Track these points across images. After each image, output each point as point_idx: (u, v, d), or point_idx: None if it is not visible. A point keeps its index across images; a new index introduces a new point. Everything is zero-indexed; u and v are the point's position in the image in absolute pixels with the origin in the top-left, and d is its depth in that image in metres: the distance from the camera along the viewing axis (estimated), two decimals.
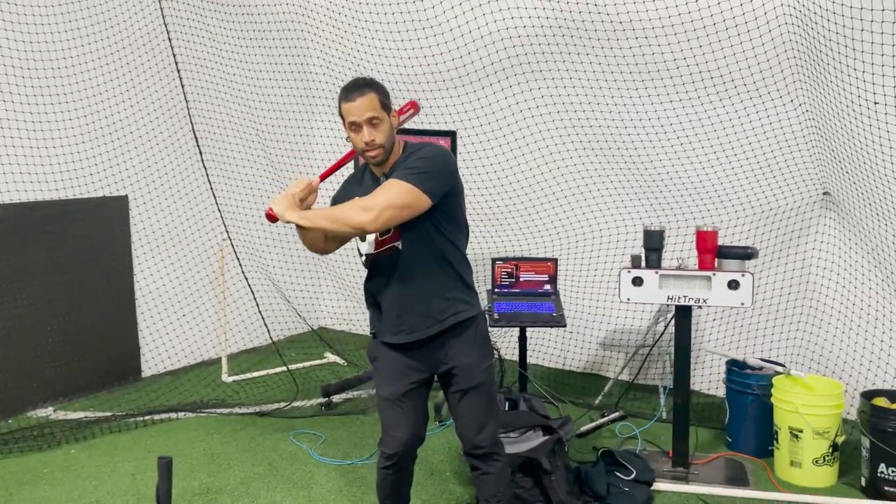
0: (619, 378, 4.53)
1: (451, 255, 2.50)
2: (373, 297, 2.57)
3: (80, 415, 4.31)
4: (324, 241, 2.61)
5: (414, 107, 2.65)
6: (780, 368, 3.65)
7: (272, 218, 2.48)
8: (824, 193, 4.03)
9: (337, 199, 2.60)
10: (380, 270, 2.50)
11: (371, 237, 2.45)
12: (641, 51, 4.15)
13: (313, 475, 3.56)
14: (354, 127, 2.38)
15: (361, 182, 2.56)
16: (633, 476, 3.26)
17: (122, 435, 4.06)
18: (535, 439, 3.17)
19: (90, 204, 4.64)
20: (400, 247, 2.44)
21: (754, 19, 3.78)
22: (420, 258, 2.45)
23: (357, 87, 2.39)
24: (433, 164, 2.37)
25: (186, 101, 4.78)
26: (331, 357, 5.41)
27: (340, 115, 2.43)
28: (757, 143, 4.05)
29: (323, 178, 2.65)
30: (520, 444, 3.12)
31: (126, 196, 4.84)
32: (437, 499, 3.31)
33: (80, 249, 4.60)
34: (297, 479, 3.52)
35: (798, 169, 3.99)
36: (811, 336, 4.11)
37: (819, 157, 3.88)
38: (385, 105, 2.40)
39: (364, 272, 2.58)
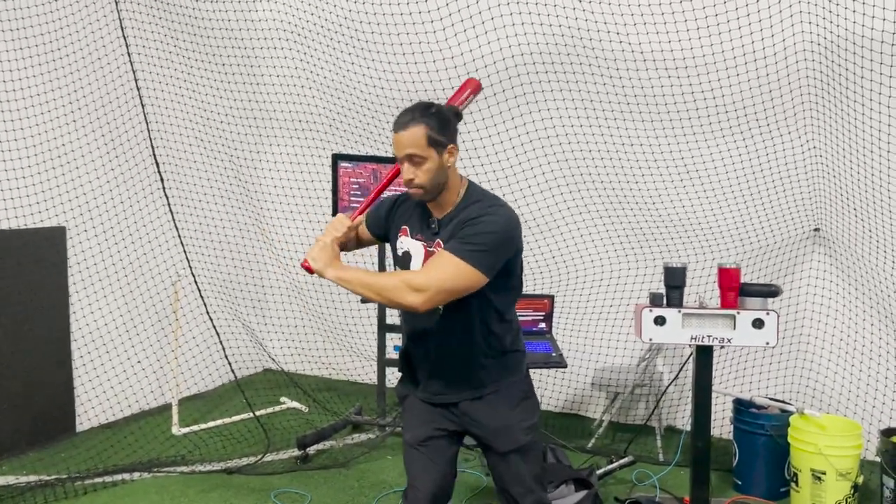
0: (603, 419, 4.37)
1: (495, 324, 2.24)
2: (406, 335, 2.31)
3: (11, 480, 3.69)
4: (354, 242, 2.45)
5: (472, 87, 2.38)
6: (790, 407, 3.58)
7: (310, 270, 2.17)
8: (815, 229, 4.07)
9: (376, 218, 2.37)
10: (414, 325, 2.26)
11: None
12: (644, 83, 4.08)
13: None
14: (399, 160, 2.15)
15: (411, 214, 2.29)
16: None
17: (69, 502, 3.50)
18: (570, 495, 2.94)
19: (20, 236, 4.05)
20: (441, 309, 2.17)
21: (752, 51, 3.78)
22: (461, 325, 2.19)
23: (408, 114, 2.13)
24: (497, 240, 2.08)
25: (148, 126, 4.29)
26: (288, 402, 4.97)
27: None
28: (753, 178, 4.05)
29: (360, 213, 2.36)
30: (556, 501, 2.87)
31: (63, 227, 4.27)
32: None
33: (7, 286, 4.00)
34: None
35: (794, 204, 4.00)
36: (807, 372, 4.11)
37: (816, 193, 3.91)
38: (434, 140, 2.10)
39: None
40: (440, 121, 2.13)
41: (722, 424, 4.13)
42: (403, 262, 2.26)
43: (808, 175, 3.93)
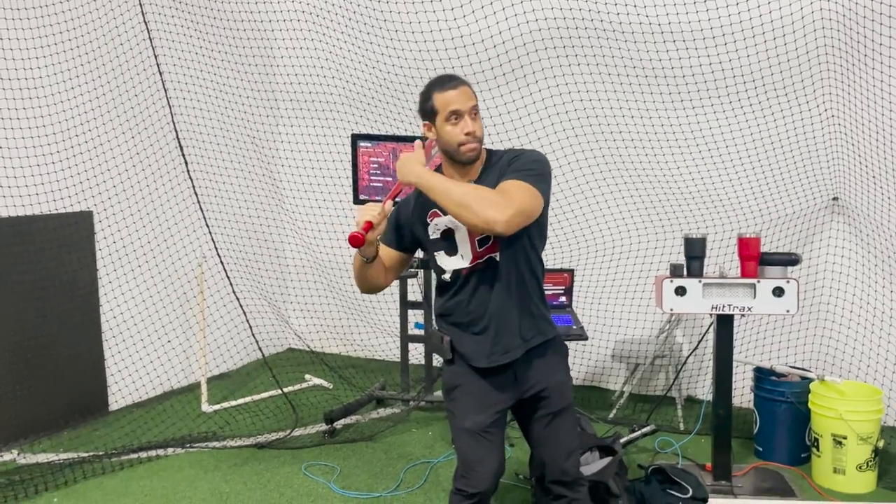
0: (623, 390, 4.44)
1: (538, 269, 2.33)
2: (455, 319, 2.31)
3: (51, 458, 3.81)
4: (383, 275, 2.35)
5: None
6: (810, 375, 3.63)
7: (358, 241, 2.11)
8: (833, 198, 4.08)
9: (395, 229, 2.36)
10: (471, 286, 2.26)
11: (468, 248, 2.22)
12: (662, 55, 4.09)
13: None
14: (455, 117, 2.16)
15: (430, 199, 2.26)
16: (689, 494, 3.13)
17: (107, 478, 3.61)
18: (595, 461, 3.00)
19: (50, 221, 4.14)
20: (498, 258, 2.22)
21: (770, 20, 3.78)
22: (516, 270, 2.25)
23: (453, 77, 2.22)
24: (544, 169, 2.18)
25: (171, 110, 4.35)
26: (313, 380, 5.06)
27: (428, 110, 2.20)
28: (772, 147, 4.06)
29: (392, 198, 2.31)
30: (582, 467, 2.93)
31: (91, 212, 4.36)
32: None
33: (38, 271, 4.10)
34: None
35: (813, 173, 4.01)
36: (828, 340, 4.13)
37: (835, 161, 3.92)
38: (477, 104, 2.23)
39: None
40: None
41: (742, 393, 4.17)
42: (446, 239, 2.27)
43: (826, 144, 3.93)
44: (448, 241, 2.26)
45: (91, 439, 4.07)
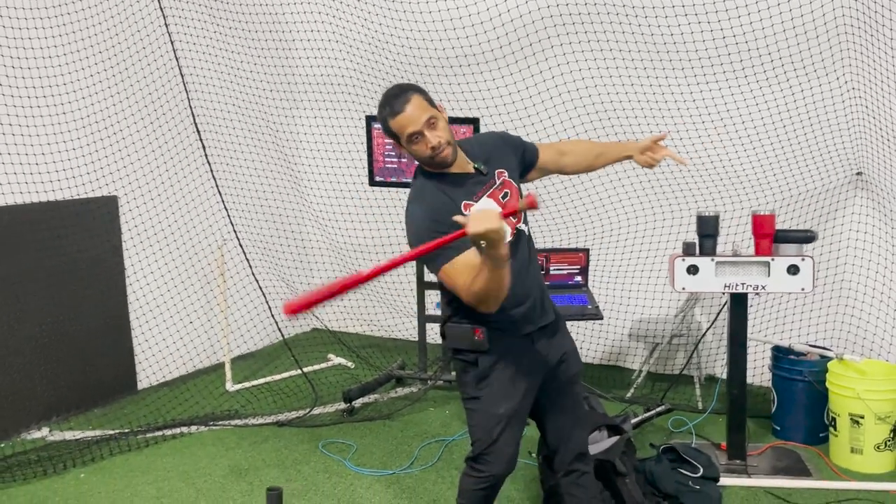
0: (642, 369, 4.42)
1: None
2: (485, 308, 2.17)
3: (80, 435, 3.95)
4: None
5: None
6: (830, 353, 3.58)
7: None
8: (857, 173, 3.98)
9: (442, 221, 2.12)
10: (518, 259, 2.25)
11: (505, 225, 2.10)
12: (674, 30, 4.01)
13: (356, 489, 3.33)
14: (415, 137, 2.14)
15: (455, 192, 2.20)
16: (700, 473, 3.13)
17: (133, 455, 3.73)
18: (603, 440, 3.01)
19: (76, 206, 4.25)
20: (524, 230, 2.34)
21: None
22: (531, 244, 2.40)
23: (398, 95, 2.16)
24: None
25: (188, 95, 4.42)
26: (335, 359, 5.14)
27: (389, 135, 2.21)
28: (791, 123, 3.97)
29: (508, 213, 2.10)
30: (590, 445, 2.95)
31: (115, 197, 4.46)
32: None
33: (66, 255, 4.21)
34: (339, 494, 3.28)
35: (835, 148, 3.92)
36: (849, 318, 4.06)
37: (858, 136, 3.82)
38: (432, 102, 2.19)
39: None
40: (423, 90, 2.21)
41: (762, 372, 4.13)
42: None
43: (848, 118, 3.83)
44: None
45: (119, 417, 4.20)
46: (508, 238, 2.06)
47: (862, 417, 3.29)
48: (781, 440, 3.67)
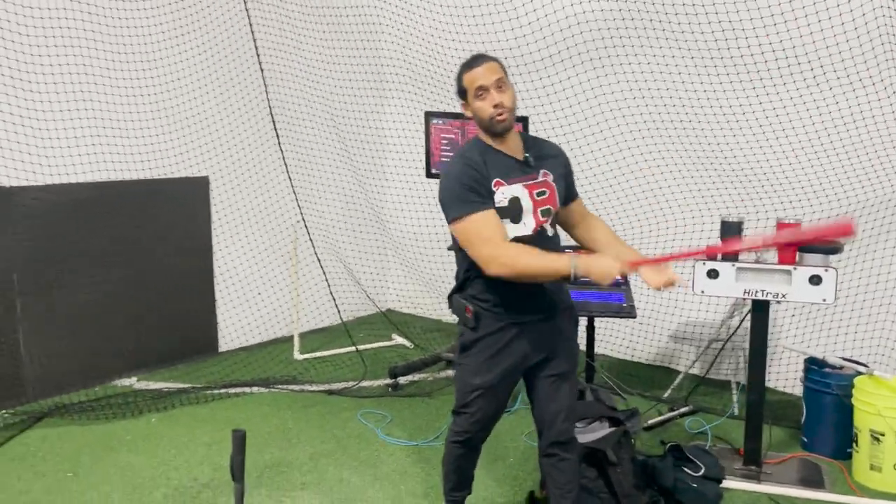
0: (690, 372, 4.44)
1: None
2: (503, 287, 2.42)
3: (160, 385, 4.50)
4: None
5: (846, 232, 2.25)
6: (862, 368, 3.50)
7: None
8: None
9: (486, 185, 2.38)
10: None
11: (531, 218, 2.42)
12: (722, 35, 4.01)
13: (379, 454, 3.64)
14: (481, 92, 2.36)
15: (489, 167, 2.39)
16: (701, 472, 3.19)
17: (199, 407, 4.23)
18: (601, 430, 3.14)
19: (174, 184, 4.82)
20: (548, 229, 2.50)
21: (847, 2, 3.60)
22: (557, 241, 2.56)
23: (478, 57, 2.43)
24: None
25: (266, 87, 4.88)
26: (398, 339, 5.48)
27: (461, 90, 2.43)
28: (846, 132, 3.87)
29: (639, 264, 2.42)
30: (586, 434, 3.10)
31: (207, 177, 5.00)
32: (502, 484, 3.33)
33: (163, 228, 4.79)
34: (363, 458, 3.60)
35: (889, 160, 3.79)
36: (892, 335, 3.92)
37: None
38: (506, 72, 2.41)
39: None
40: (500, 61, 2.45)
41: (795, 384, 4.07)
42: (513, 207, 2.40)
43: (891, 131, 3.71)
44: (514, 210, 2.41)
45: (198, 374, 4.73)
46: (528, 232, 2.39)
47: (882, 435, 3.22)
48: (808, 452, 3.63)
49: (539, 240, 2.44)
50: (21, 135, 4.08)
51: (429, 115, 4.49)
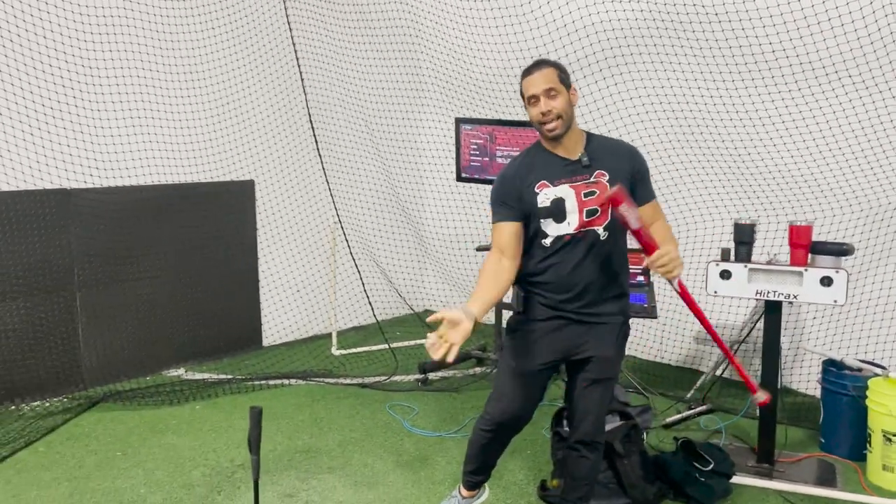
0: (716, 374, 4.49)
1: (625, 251, 2.67)
2: (545, 279, 2.56)
3: (206, 376, 4.80)
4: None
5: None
6: (879, 370, 3.53)
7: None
8: None
9: (515, 198, 2.52)
10: (568, 251, 2.52)
11: (575, 217, 2.49)
12: (736, 42, 4.08)
13: (403, 443, 3.83)
14: (533, 100, 2.46)
15: (539, 169, 2.52)
16: (710, 467, 3.28)
17: (240, 396, 4.50)
18: (611, 423, 3.26)
19: (222, 187, 5.12)
20: (599, 231, 2.51)
21: (859, 8, 3.64)
22: (610, 246, 2.55)
23: (536, 64, 2.52)
24: None
25: (305, 94, 5.15)
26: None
27: (522, 95, 2.54)
28: (864, 136, 3.90)
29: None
30: None
31: (252, 181, 5.29)
32: (516, 473, 3.48)
33: (213, 228, 5.10)
34: (388, 446, 3.79)
35: None
36: None
37: None
38: (563, 80, 2.48)
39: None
40: (562, 67, 2.54)
41: (814, 385, 4.09)
42: (556, 207, 2.49)
43: None
44: (558, 210, 2.49)
45: (243, 366, 5.02)
46: (570, 231, 2.48)
47: (894, 435, 3.25)
48: (825, 452, 3.67)
49: (587, 241, 2.49)
50: (80, 141, 4.43)
51: (459, 122, 4.67)
